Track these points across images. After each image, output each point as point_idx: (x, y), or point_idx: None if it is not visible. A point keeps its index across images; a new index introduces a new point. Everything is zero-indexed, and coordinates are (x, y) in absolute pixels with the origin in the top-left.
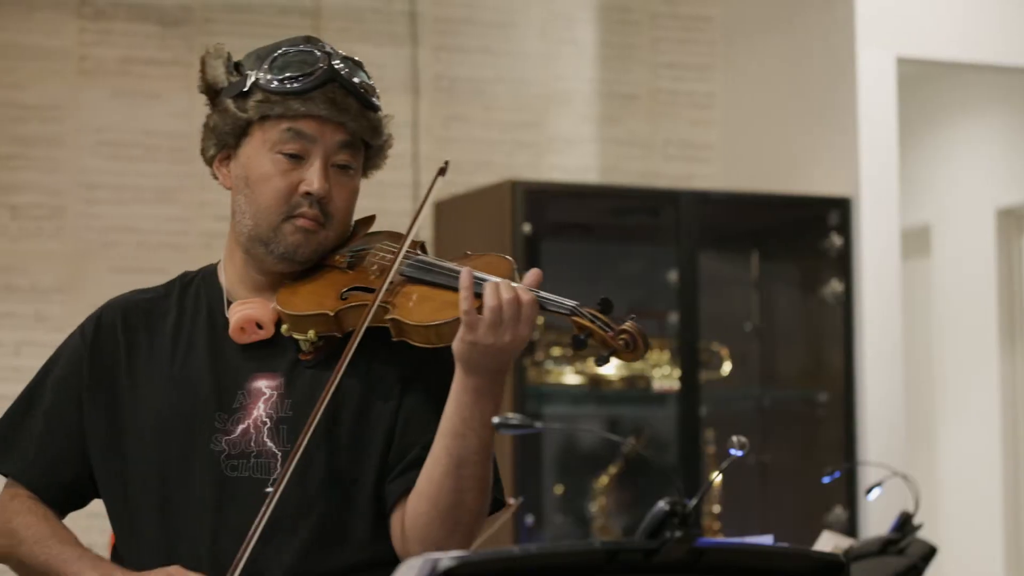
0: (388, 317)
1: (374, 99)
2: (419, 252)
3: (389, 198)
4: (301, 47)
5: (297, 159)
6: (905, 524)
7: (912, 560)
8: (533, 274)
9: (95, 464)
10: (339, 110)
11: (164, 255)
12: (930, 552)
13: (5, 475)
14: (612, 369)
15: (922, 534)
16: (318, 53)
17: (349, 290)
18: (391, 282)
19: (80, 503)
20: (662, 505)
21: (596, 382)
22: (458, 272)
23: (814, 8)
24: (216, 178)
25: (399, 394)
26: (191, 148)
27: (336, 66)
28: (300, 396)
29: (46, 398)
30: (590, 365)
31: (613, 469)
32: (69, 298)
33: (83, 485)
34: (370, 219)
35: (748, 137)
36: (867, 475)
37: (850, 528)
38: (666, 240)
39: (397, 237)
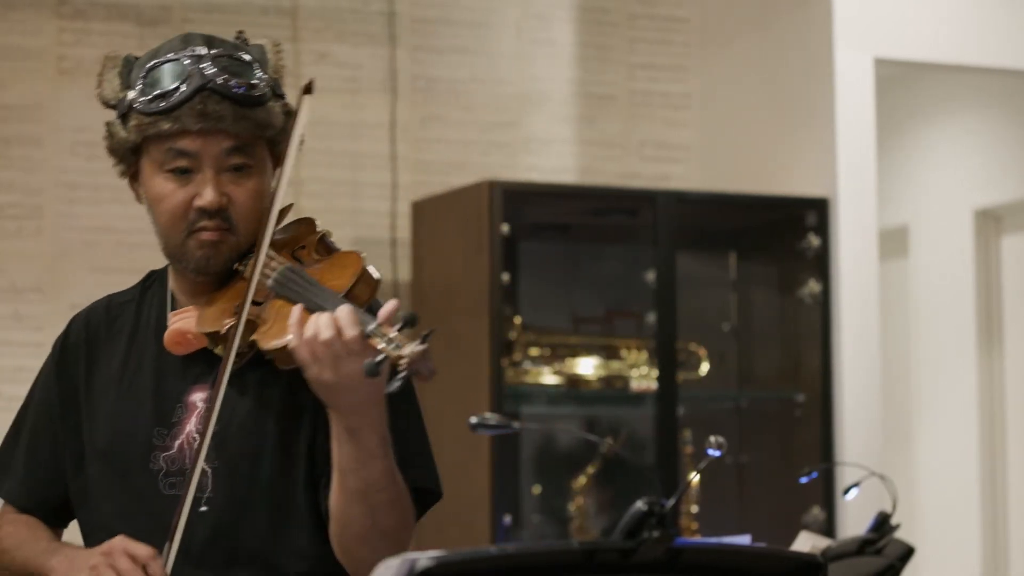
0: (251, 338)
1: (255, 93)
2: (294, 257)
3: (366, 198)
4: (170, 56)
5: (187, 173)
6: (883, 524)
7: (890, 560)
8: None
9: (68, 484)
10: (213, 119)
11: (143, 255)
12: (908, 552)
13: None
14: (591, 369)
15: (900, 534)
16: (186, 62)
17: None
18: (265, 296)
19: (72, 519)
20: (640, 505)
21: (574, 382)
22: (313, 285)
23: (791, 9)
24: None
25: (313, 397)
26: None
27: (206, 72)
28: (225, 409)
29: (29, 421)
30: (568, 365)
31: (591, 469)
32: (48, 298)
33: (70, 503)
34: (288, 209)
35: (725, 138)
36: (844, 475)
37: (827, 528)
38: (644, 240)
39: (305, 224)
